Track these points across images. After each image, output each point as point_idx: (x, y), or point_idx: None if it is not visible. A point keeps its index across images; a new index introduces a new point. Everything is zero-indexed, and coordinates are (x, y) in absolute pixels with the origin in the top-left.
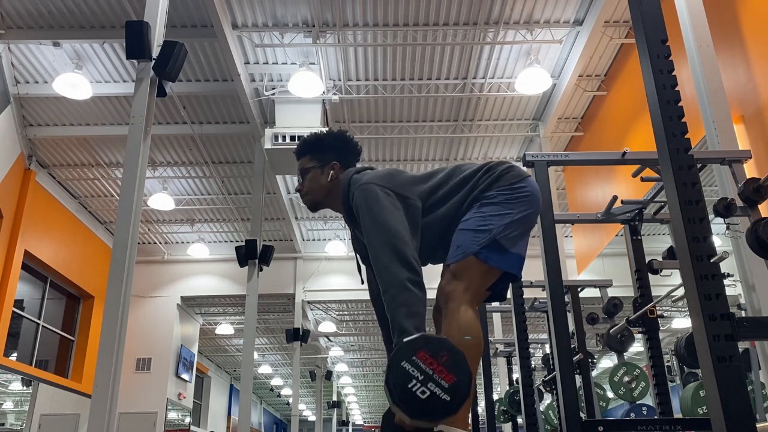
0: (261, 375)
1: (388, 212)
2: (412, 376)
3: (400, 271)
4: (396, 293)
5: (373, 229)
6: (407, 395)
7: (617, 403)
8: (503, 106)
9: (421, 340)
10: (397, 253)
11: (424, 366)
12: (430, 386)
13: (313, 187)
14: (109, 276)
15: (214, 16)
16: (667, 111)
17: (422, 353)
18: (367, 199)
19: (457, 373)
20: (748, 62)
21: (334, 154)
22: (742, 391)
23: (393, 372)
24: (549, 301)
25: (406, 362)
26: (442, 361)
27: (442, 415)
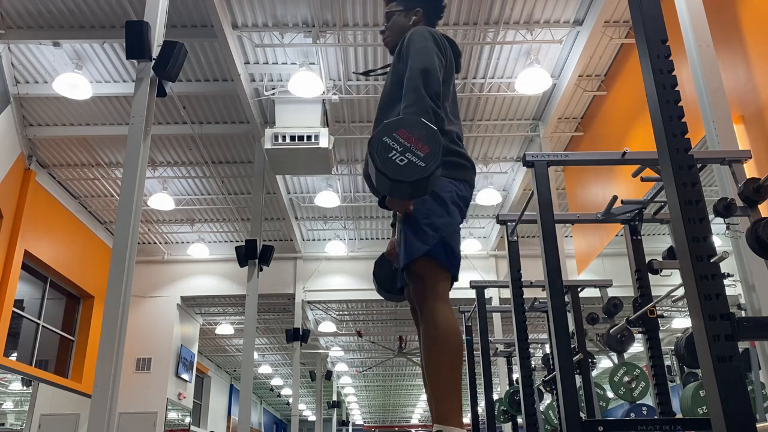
0: (261, 375)
1: (435, 55)
2: (392, 148)
3: (427, 101)
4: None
5: (419, 56)
6: (388, 162)
7: (617, 403)
8: (503, 106)
9: (399, 121)
10: (430, 85)
11: (403, 140)
12: (408, 155)
13: (395, 29)
14: (109, 276)
15: (214, 16)
16: (667, 111)
17: (401, 131)
18: (424, 36)
19: (430, 145)
20: (748, 62)
21: (421, 2)
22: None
23: (376, 144)
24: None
25: (387, 137)
26: (418, 136)
27: (418, 177)
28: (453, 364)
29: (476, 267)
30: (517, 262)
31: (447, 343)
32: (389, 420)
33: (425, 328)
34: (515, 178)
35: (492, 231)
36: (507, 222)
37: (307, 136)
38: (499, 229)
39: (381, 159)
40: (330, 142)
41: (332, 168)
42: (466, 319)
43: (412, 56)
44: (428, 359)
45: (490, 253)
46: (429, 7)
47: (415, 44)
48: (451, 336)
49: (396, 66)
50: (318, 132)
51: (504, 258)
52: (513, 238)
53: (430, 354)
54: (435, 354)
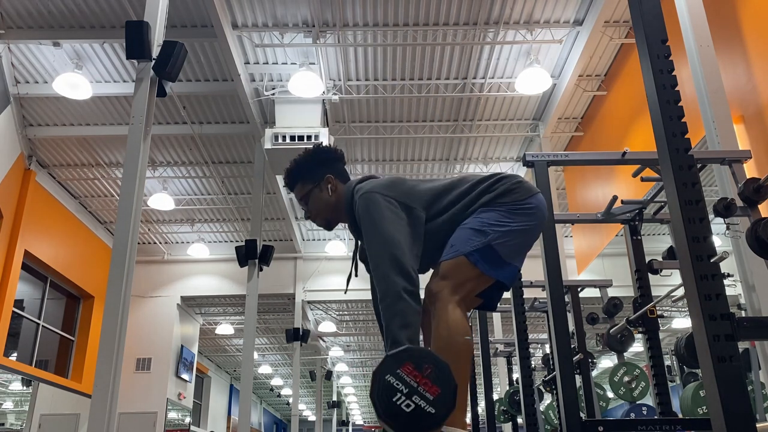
0: (261, 375)
1: (388, 221)
2: (396, 390)
3: (397, 280)
4: (391, 303)
5: (373, 238)
6: (392, 409)
7: (617, 403)
8: (503, 106)
9: (405, 353)
10: (396, 263)
11: (409, 379)
12: (415, 399)
13: (319, 207)
14: (109, 276)
15: (214, 16)
16: (667, 111)
17: (407, 366)
18: (369, 208)
19: (441, 386)
20: (748, 62)
21: (322, 168)
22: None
23: (377, 385)
24: (549, 301)
25: (391, 375)
26: (427, 373)
27: (428, 427)
28: (460, 364)
29: None
30: None
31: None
32: None
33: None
34: None
35: None
36: None
37: (307, 136)
38: None
39: (384, 405)
40: (330, 142)
41: None
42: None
43: (366, 239)
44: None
45: None
46: (333, 166)
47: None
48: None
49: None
50: (318, 132)
51: None
52: None
53: (438, 353)
54: (443, 354)
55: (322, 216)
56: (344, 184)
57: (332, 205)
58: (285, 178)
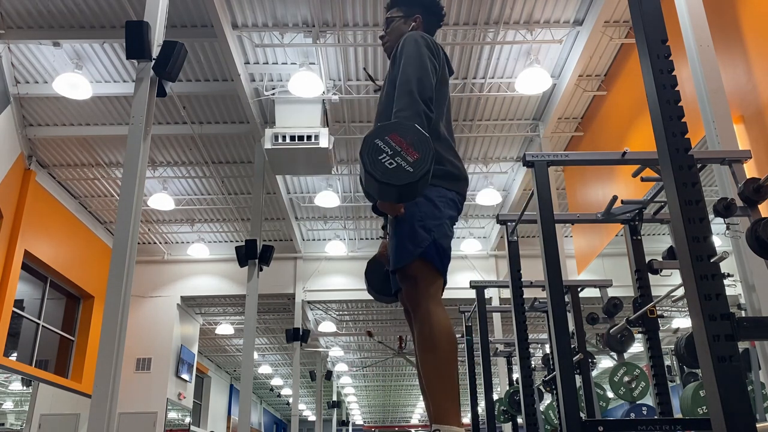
0: (261, 375)
1: (428, 59)
2: (382, 151)
3: (420, 105)
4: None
5: (412, 61)
6: (377, 165)
7: (617, 403)
8: (503, 106)
9: (394, 125)
10: (423, 90)
11: (394, 144)
12: (397, 159)
13: (394, 35)
14: (109, 276)
15: (214, 16)
16: (667, 111)
17: (394, 135)
18: (417, 41)
19: (421, 151)
20: (748, 62)
21: (421, 9)
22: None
23: (367, 146)
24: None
25: (379, 140)
26: (409, 141)
27: (405, 181)
28: (449, 364)
29: (476, 267)
30: (517, 262)
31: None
32: (389, 420)
33: (419, 330)
34: (515, 178)
35: (492, 231)
36: (507, 222)
37: (307, 136)
38: (499, 229)
39: (371, 161)
40: (330, 142)
41: (332, 168)
42: (466, 319)
43: (405, 61)
44: (424, 361)
45: (490, 253)
46: (429, 15)
47: (408, 49)
48: (445, 337)
49: (391, 72)
50: (318, 132)
51: (504, 258)
52: (513, 238)
53: (426, 355)
54: (430, 355)
55: (393, 43)
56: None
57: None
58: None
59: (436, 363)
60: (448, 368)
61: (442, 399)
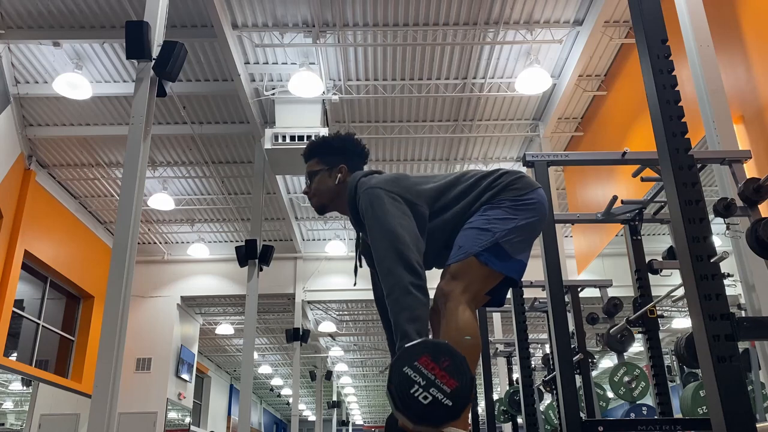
0: (261, 375)
1: (392, 216)
2: (414, 382)
3: (403, 275)
4: (399, 297)
5: (378, 234)
6: (410, 401)
7: (617, 403)
8: (503, 106)
9: (422, 346)
10: (401, 257)
11: (426, 371)
12: (433, 391)
13: (321, 190)
14: (109, 276)
15: (214, 16)
16: (667, 111)
17: (424, 358)
18: (372, 203)
19: (459, 378)
20: (748, 62)
21: (342, 156)
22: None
23: (395, 378)
24: (549, 301)
25: (408, 368)
26: (444, 366)
27: (445, 420)
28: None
29: None
30: None
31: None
32: None
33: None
34: None
35: None
36: None
37: (307, 136)
38: None
39: (402, 399)
40: None
41: None
42: None
43: (370, 235)
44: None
45: None
46: (352, 159)
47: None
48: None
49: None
50: (318, 132)
51: None
52: None
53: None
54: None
55: (320, 199)
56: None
57: (333, 192)
58: (306, 149)
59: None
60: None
61: None
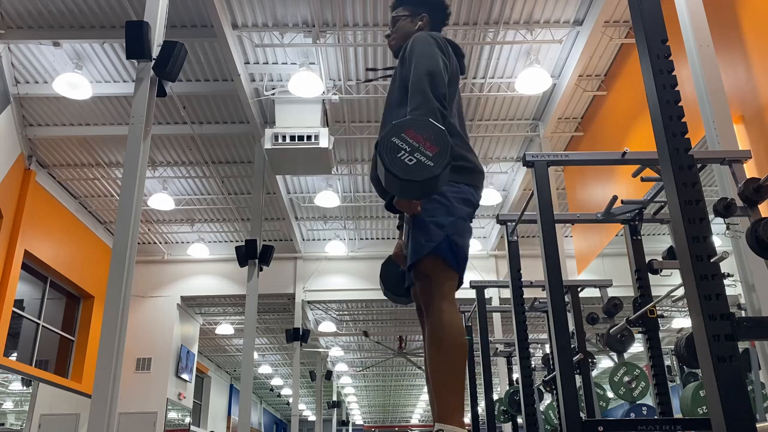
0: (261, 375)
1: (438, 59)
2: (400, 148)
3: (434, 102)
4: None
5: (424, 59)
6: (397, 162)
7: (617, 403)
8: (503, 106)
9: (408, 121)
10: (437, 88)
11: (411, 140)
12: (416, 155)
13: (401, 34)
14: (109, 276)
15: (214, 16)
16: (667, 111)
17: (410, 131)
18: (428, 40)
19: (439, 144)
20: (748, 62)
21: (426, 8)
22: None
23: (385, 145)
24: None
25: (396, 138)
26: (426, 136)
27: (427, 177)
28: (456, 364)
29: (476, 267)
30: (517, 262)
31: (451, 343)
32: (389, 420)
33: (430, 327)
34: (515, 178)
35: (492, 231)
36: (507, 222)
37: (307, 136)
38: (499, 229)
39: (390, 159)
40: (330, 142)
41: (332, 168)
42: (466, 319)
43: (417, 60)
44: (432, 359)
45: (490, 253)
46: (435, 14)
47: (419, 48)
48: (455, 336)
49: (400, 70)
50: (318, 132)
51: (504, 258)
52: (513, 238)
53: (434, 353)
54: (439, 354)
55: (398, 42)
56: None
57: (408, 37)
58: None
59: (443, 362)
60: (456, 369)
61: (447, 399)
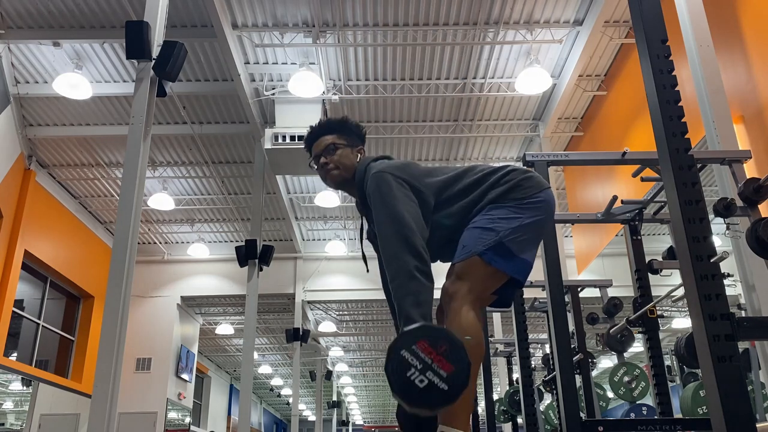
0: (261, 375)
1: (399, 202)
2: (410, 365)
3: (408, 259)
4: (404, 282)
5: (384, 218)
6: (406, 383)
7: (617, 403)
8: (503, 106)
9: (421, 330)
10: (406, 243)
11: (423, 355)
12: (429, 375)
13: (344, 164)
14: (109, 276)
15: (214, 16)
16: (667, 111)
17: (422, 342)
18: (380, 187)
19: (455, 363)
20: (748, 62)
21: (360, 139)
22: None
23: (392, 360)
24: (549, 301)
25: (406, 351)
26: (441, 350)
27: (440, 403)
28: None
29: None
30: None
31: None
32: (389, 420)
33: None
34: None
35: None
36: None
37: None
38: None
39: (398, 381)
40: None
41: None
42: None
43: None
44: None
45: None
46: (363, 145)
47: (375, 201)
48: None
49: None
50: None
51: None
52: None
53: None
54: None
55: (342, 172)
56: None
57: (352, 169)
58: (325, 123)
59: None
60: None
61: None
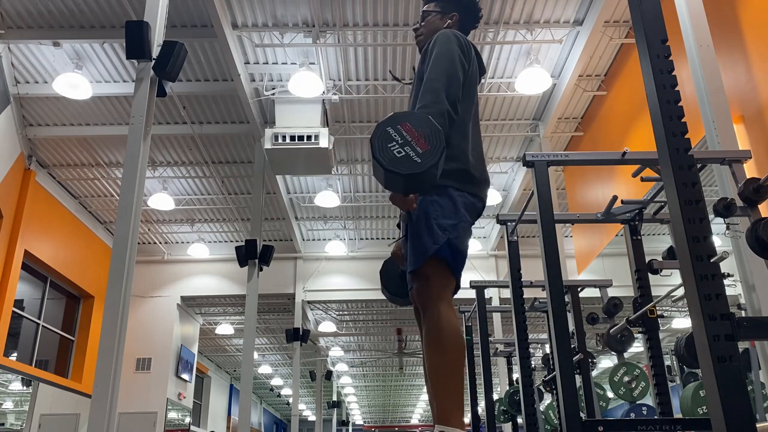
0: (261, 375)
1: (459, 62)
2: (393, 139)
3: (444, 102)
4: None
5: (442, 59)
6: (386, 152)
7: (617, 403)
8: (503, 106)
9: (408, 114)
10: (450, 89)
11: (405, 133)
12: (406, 149)
13: (428, 30)
14: (109, 276)
15: (214, 16)
16: (667, 111)
17: (406, 124)
18: (450, 39)
19: (431, 143)
20: (748, 62)
21: (459, 7)
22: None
23: (378, 133)
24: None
25: (391, 127)
26: (422, 132)
27: (411, 171)
28: (454, 365)
29: (476, 267)
30: (517, 262)
31: (449, 345)
32: (389, 420)
33: (428, 329)
34: (515, 178)
35: (492, 231)
36: (507, 222)
37: (307, 136)
38: (499, 229)
39: (379, 147)
40: (330, 142)
41: (332, 168)
42: (466, 319)
43: (435, 58)
44: (430, 361)
45: (490, 253)
46: (466, 15)
47: (439, 47)
48: (453, 338)
49: (421, 67)
50: (318, 132)
51: (504, 258)
52: (513, 238)
53: (432, 356)
54: (437, 356)
55: (425, 37)
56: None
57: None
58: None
59: (442, 365)
60: (455, 371)
61: (446, 400)
